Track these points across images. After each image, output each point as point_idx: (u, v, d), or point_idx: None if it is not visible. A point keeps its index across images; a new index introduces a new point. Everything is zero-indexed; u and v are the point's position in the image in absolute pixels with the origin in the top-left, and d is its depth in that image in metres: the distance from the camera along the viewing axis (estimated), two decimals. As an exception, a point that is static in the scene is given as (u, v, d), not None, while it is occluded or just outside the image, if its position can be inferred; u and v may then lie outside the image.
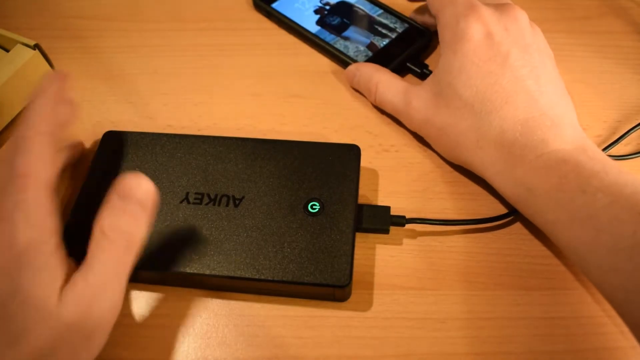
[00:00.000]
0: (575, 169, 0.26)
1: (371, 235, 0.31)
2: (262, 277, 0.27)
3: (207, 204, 0.29)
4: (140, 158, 0.32)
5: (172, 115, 0.36)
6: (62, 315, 0.23)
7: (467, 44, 0.30)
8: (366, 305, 0.29)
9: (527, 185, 0.28)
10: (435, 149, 0.33)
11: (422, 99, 0.32)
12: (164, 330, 0.28)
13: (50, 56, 0.38)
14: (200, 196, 0.30)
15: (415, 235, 0.31)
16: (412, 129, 0.34)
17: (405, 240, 0.31)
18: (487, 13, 0.31)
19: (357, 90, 0.37)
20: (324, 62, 0.39)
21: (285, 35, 0.41)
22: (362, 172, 0.33)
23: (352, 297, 0.29)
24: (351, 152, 0.31)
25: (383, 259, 0.30)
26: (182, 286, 0.29)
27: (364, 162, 0.34)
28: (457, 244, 0.30)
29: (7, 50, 0.38)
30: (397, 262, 0.30)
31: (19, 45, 0.37)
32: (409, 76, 0.38)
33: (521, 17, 0.31)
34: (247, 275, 0.27)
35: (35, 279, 0.23)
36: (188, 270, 0.28)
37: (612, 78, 0.37)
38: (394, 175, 0.33)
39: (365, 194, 0.32)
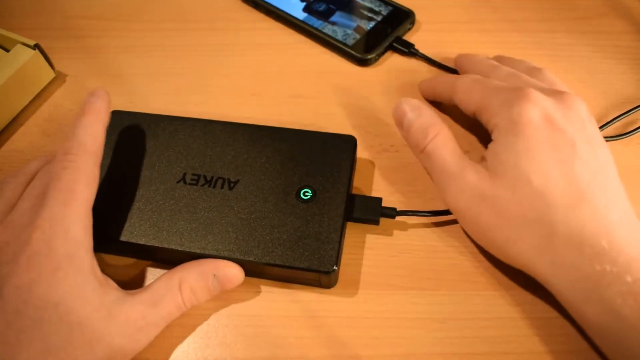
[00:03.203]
0: None
1: (374, 228, 0.31)
2: (250, 259, 0.28)
3: (202, 185, 0.30)
4: (142, 138, 0.32)
5: (172, 115, 0.36)
6: (113, 340, 0.24)
7: (527, 127, 0.26)
8: (366, 304, 0.29)
9: (621, 314, 0.23)
10: (480, 239, 0.28)
11: (479, 173, 0.27)
12: (164, 330, 0.28)
13: (50, 56, 0.38)
14: (196, 177, 0.30)
15: (406, 228, 0.31)
16: (454, 203, 0.28)
17: (397, 233, 0.31)
18: (540, 97, 0.27)
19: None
20: (325, 62, 0.39)
21: (285, 34, 0.41)
22: (360, 167, 0.33)
23: (353, 297, 0.29)
24: (347, 143, 0.31)
25: (381, 256, 0.30)
26: (169, 263, 0.29)
27: (364, 160, 0.34)
28: (454, 241, 0.30)
29: (7, 50, 0.38)
30: (395, 260, 0.30)
31: (19, 45, 0.37)
32: (396, 57, 0.39)
33: (580, 107, 0.28)
34: (235, 256, 0.28)
35: (74, 293, 0.24)
36: (178, 247, 0.28)
37: (612, 78, 0.37)
38: (394, 176, 0.33)
39: (362, 188, 0.32)
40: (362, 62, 0.38)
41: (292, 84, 0.38)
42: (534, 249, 0.26)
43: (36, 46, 0.37)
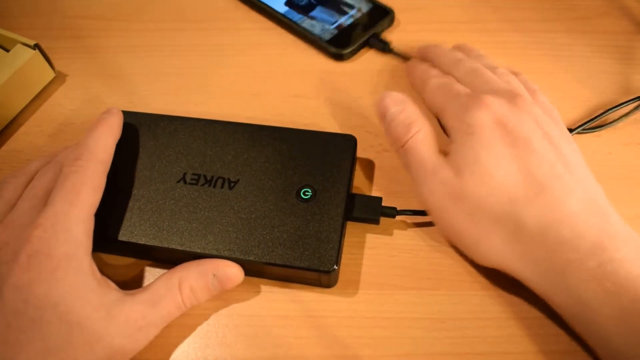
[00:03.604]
0: None
1: (376, 229, 0.31)
2: (250, 258, 0.28)
3: (202, 185, 0.30)
4: (141, 137, 0.32)
5: (172, 115, 0.36)
6: (113, 340, 0.24)
7: (481, 129, 0.27)
8: (366, 304, 0.29)
9: (584, 299, 0.24)
10: (453, 239, 0.29)
11: (451, 172, 0.27)
12: (164, 330, 0.28)
13: (50, 56, 0.38)
14: (196, 177, 0.30)
15: (406, 227, 0.31)
16: (429, 202, 0.28)
17: (397, 233, 0.31)
18: (495, 103, 0.28)
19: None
20: (324, 62, 0.39)
21: (285, 35, 0.41)
22: (360, 167, 0.33)
23: (353, 297, 0.29)
24: (347, 142, 0.31)
25: (381, 256, 0.30)
26: (169, 263, 0.29)
27: (364, 159, 0.34)
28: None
29: (7, 50, 0.38)
30: (395, 260, 0.30)
31: (19, 45, 0.37)
32: (372, 53, 0.40)
33: (532, 109, 0.28)
34: (235, 256, 0.28)
35: (73, 293, 0.24)
36: (178, 246, 0.28)
37: (612, 78, 0.37)
38: (394, 176, 0.33)
39: (362, 188, 0.32)
40: (337, 57, 0.39)
41: (292, 84, 0.38)
42: (503, 244, 0.26)
43: (36, 46, 0.37)
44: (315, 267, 0.27)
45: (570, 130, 0.33)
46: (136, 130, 0.33)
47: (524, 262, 0.26)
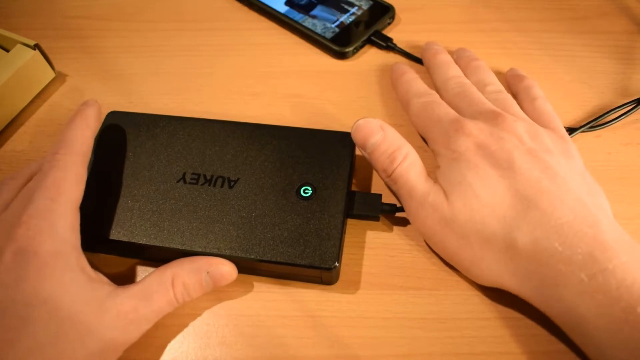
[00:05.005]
0: None
1: (377, 226, 0.31)
2: (252, 257, 0.28)
3: (202, 184, 0.30)
4: (141, 138, 0.32)
5: (172, 115, 0.36)
6: (105, 333, 0.24)
7: (464, 155, 0.28)
8: (366, 304, 0.29)
9: (578, 312, 0.24)
10: (452, 263, 0.29)
11: (439, 196, 0.28)
12: (164, 330, 0.28)
13: (50, 56, 0.38)
14: (196, 176, 0.30)
15: (406, 224, 0.31)
16: (422, 229, 0.28)
17: (398, 231, 0.31)
18: (474, 128, 0.29)
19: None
20: (326, 61, 0.39)
21: (285, 35, 0.41)
22: (360, 164, 0.34)
23: (354, 297, 0.29)
24: (346, 140, 0.31)
25: (382, 256, 0.30)
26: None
27: (364, 157, 0.34)
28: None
29: (7, 50, 0.38)
30: (395, 260, 0.30)
31: (19, 45, 0.37)
32: (374, 50, 0.40)
33: (517, 127, 0.29)
34: (237, 254, 0.28)
35: (62, 289, 0.24)
36: (179, 246, 0.28)
37: (611, 78, 0.37)
38: (394, 175, 0.33)
39: (361, 185, 0.32)
40: (340, 55, 0.39)
41: (291, 83, 0.38)
42: (497, 264, 0.26)
43: (36, 46, 0.37)
44: (317, 265, 0.27)
45: (571, 132, 0.33)
46: (135, 130, 0.33)
47: (519, 279, 0.26)
